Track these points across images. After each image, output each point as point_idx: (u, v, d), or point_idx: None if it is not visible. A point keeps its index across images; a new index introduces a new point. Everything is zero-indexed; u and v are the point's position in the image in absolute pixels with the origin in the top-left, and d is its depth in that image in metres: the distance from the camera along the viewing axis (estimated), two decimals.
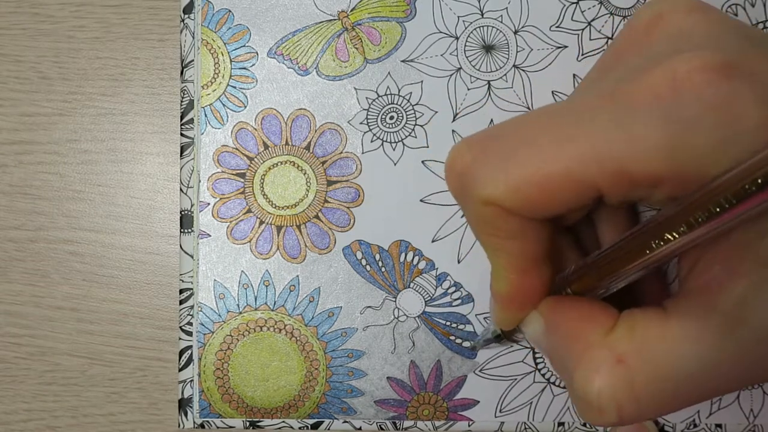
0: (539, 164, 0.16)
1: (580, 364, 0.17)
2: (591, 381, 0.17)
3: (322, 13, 0.28)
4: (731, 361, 0.16)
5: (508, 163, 0.17)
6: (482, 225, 0.18)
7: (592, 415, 0.17)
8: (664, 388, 0.17)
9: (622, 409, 0.17)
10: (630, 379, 0.17)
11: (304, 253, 0.28)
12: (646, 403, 0.17)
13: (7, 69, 0.30)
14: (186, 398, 0.28)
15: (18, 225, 0.30)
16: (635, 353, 0.17)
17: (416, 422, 0.28)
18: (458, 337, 0.28)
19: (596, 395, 0.17)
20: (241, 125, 0.28)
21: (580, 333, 0.18)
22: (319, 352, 0.28)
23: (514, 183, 0.17)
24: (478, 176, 0.17)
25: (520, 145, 0.17)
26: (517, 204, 0.17)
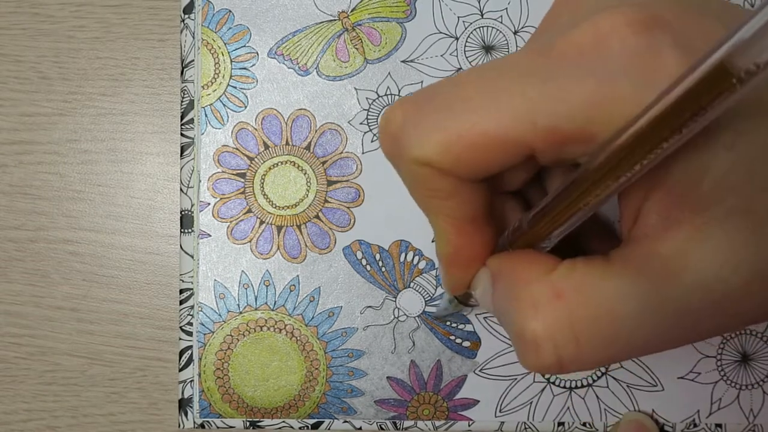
0: (471, 122, 0.16)
1: (517, 302, 0.17)
2: (528, 317, 0.17)
3: (322, 14, 0.28)
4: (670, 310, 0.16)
5: (439, 123, 0.16)
6: (417, 186, 0.18)
7: (529, 356, 0.17)
8: (604, 329, 0.16)
9: (561, 349, 0.16)
10: (569, 316, 0.16)
11: (304, 253, 0.28)
12: (585, 344, 0.16)
13: (7, 69, 0.30)
14: (186, 398, 0.28)
15: (18, 225, 0.30)
16: (574, 289, 0.16)
17: (416, 422, 0.28)
18: (458, 337, 0.28)
19: (533, 332, 0.16)
20: (242, 125, 0.28)
21: (521, 274, 0.18)
22: (320, 351, 0.28)
23: (446, 142, 0.16)
24: (411, 136, 0.17)
25: (453, 104, 0.17)
26: (449, 164, 0.17)
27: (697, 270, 0.16)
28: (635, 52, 0.15)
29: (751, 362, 0.28)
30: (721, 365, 0.28)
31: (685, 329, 0.16)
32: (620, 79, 0.15)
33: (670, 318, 0.16)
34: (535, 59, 0.16)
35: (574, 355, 0.16)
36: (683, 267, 0.16)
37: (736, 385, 0.28)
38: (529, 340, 0.17)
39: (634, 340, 0.16)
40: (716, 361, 0.28)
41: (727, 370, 0.28)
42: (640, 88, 0.15)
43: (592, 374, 0.28)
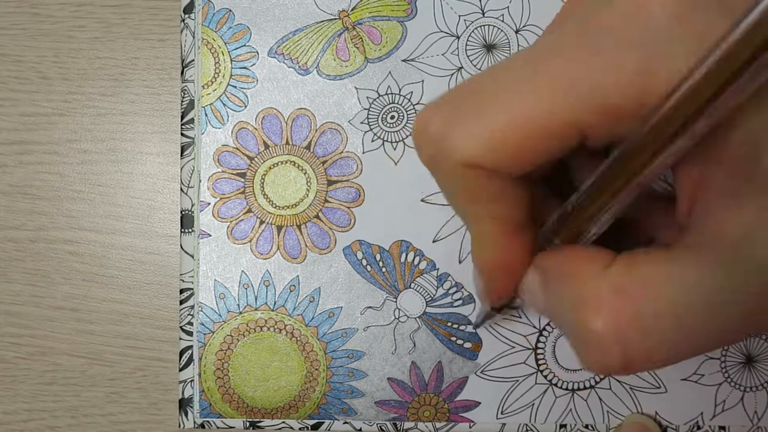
0: (519, 111, 0.15)
1: (576, 302, 0.16)
2: (589, 316, 0.15)
3: (322, 13, 0.28)
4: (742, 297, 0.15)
5: (484, 118, 0.15)
6: (463, 191, 0.17)
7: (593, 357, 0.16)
8: (674, 323, 0.15)
9: (628, 347, 0.15)
10: (634, 311, 0.15)
11: (304, 253, 0.28)
12: (654, 340, 0.15)
13: (7, 69, 0.30)
14: (186, 398, 0.28)
15: (18, 225, 0.30)
16: (637, 283, 0.15)
17: (417, 423, 0.28)
18: (459, 338, 0.28)
19: (596, 332, 0.15)
20: (242, 125, 0.28)
21: (577, 271, 0.16)
22: (320, 352, 0.28)
23: (496, 137, 0.15)
24: (454, 138, 0.16)
25: (494, 96, 0.15)
26: (500, 160, 0.15)
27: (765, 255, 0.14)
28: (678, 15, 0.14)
29: (756, 364, 0.28)
30: (725, 367, 0.27)
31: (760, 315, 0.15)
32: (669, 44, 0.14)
33: (742, 305, 0.15)
34: (573, 38, 0.15)
35: (643, 353, 0.15)
36: (752, 250, 0.14)
37: (740, 387, 0.27)
38: (592, 340, 0.15)
39: (707, 333, 0.15)
40: (720, 363, 0.27)
41: (731, 372, 0.27)
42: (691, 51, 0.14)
43: (594, 376, 0.28)
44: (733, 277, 0.15)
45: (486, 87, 0.16)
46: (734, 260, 0.15)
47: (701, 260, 0.15)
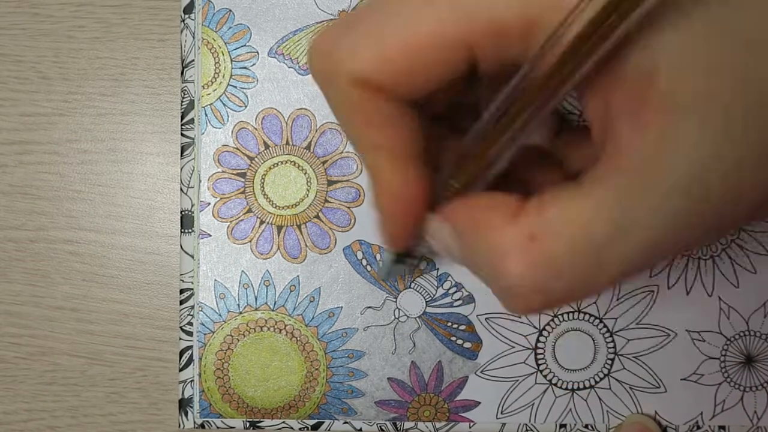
0: (408, 27, 0.15)
1: (490, 253, 0.16)
2: (507, 267, 0.15)
3: (323, 13, 0.28)
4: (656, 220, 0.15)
5: (377, 33, 0.15)
6: (351, 112, 0.16)
7: (518, 303, 0.16)
8: (586, 257, 0.15)
9: (548, 287, 0.15)
10: (548, 254, 0.15)
11: (304, 253, 0.28)
12: (570, 277, 0.15)
13: (7, 69, 0.30)
14: (186, 398, 0.28)
15: (18, 225, 0.30)
16: (547, 226, 0.15)
17: (417, 423, 0.28)
18: (459, 338, 0.28)
19: (516, 280, 0.15)
20: (242, 125, 0.28)
21: (488, 222, 0.16)
22: (320, 352, 0.28)
23: (386, 52, 0.15)
24: (345, 52, 0.15)
25: (384, 14, 0.15)
26: (391, 78, 0.15)
27: (671, 174, 0.14)
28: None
29: (755, 364, 0.28)
30: (725, 367, 0.28)
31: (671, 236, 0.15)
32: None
33: (657, 228, 0.15)
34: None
35: (560, 290, 0.16)
36: (657, 175, 0.14)
37: (739, 387, 0.28)
38: (511, 290, 0.16)
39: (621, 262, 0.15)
40: (720, 363, 0.28)
41: (730, 372, 0.28)
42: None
43: (594, 376, 0.28)
44: (645, 201, 0.15)
45: (377, 6, 0.16)
46: (644, 184, 0.15)
47: (610, 189, 0.15)
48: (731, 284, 0.27)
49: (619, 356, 0.28)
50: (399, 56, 0.15)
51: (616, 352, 0.28)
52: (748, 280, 0.27)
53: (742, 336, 0.27)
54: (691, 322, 0.27)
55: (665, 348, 0.27)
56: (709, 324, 0.27)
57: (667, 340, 0.27)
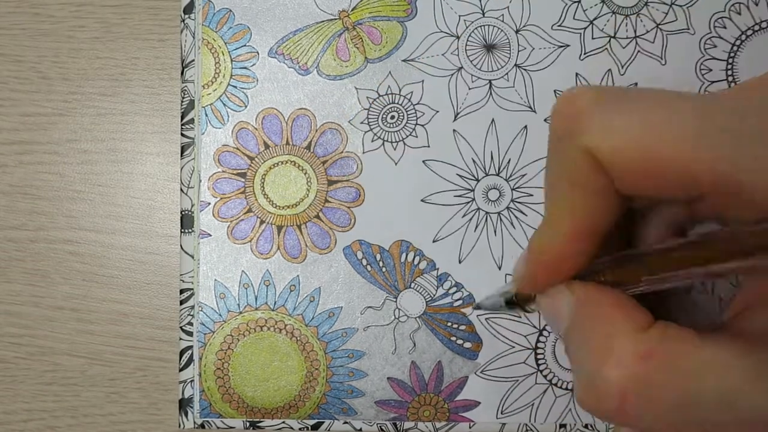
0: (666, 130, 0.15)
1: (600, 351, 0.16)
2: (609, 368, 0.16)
3: (322, 13, 0.28)
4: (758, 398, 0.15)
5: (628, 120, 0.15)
6: (569, 172, 0.17)
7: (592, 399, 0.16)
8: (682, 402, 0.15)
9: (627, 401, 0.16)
10: (648, 376, 0.15)
11: (304, 253, 0.28)
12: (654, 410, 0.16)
13: (7, 69, 0.30)
14: (186, 398, 0.28)
15: (18, 225, 0.30)
16: (663, 353, 0.16)
17: (417, 423, 0.28)
18: (459, 338, 0.28)
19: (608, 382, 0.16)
20: (242, 125, 0.28)
21: (612, 321, 0.17)
22: (320, 352, 0.28)
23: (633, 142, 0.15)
24: (591, 122, 0.16)
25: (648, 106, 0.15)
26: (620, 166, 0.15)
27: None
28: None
29: None
30: None
31: None
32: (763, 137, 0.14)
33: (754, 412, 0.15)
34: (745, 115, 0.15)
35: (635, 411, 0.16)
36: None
37: None
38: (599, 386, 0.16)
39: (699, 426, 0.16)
40: None
41: None
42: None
43: None
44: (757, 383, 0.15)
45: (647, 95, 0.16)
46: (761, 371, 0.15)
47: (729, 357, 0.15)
48: (730, 284, 0.27)
49: None
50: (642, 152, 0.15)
51: None
52: None
53: None
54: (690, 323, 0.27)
55: None
56: None
57: None
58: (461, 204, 0.27)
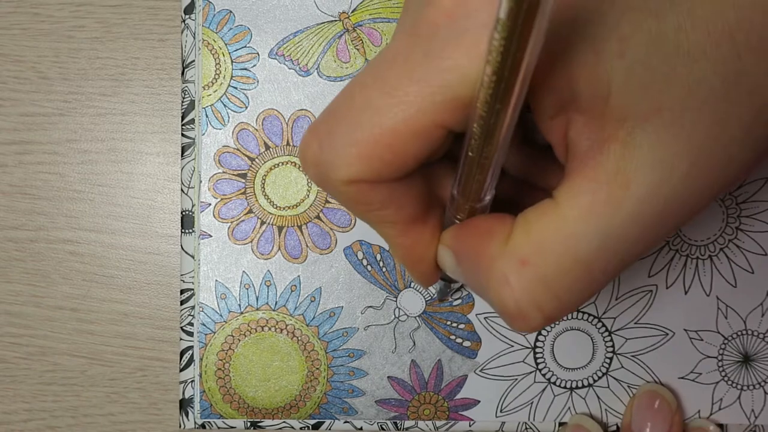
0: (379, 126, 0.16)
1: (489, 280, 0.17)
2: (504, 293, 0.17)
3: (323, 14, 0.28)
4: (630, 230, 0.16)
5: (351, 137, 0.17)
6: (353, 204, 0.18)
7: (519, 324, 0.17)
8: (576, 274, 0.17)
9: (544, 308, 0.17)
10: (540, 277, 0.17)
11: (305, 254, 0.28)
12: (564, 295, 0.17)
13: (7, 69, 0.30)
14: (187, 398, 0.28)
15: (18, 225, 0.30)
16: (536, 250, 0.17)
17: (417, 422, 0.28)
18: (459, 337, 0.28)
19: (515, 305, 0.17)
20: (242, 126, 0.28)
21: (482, 250, 0.18)
22: (320, 352, 0.28)
23: (363, 154, 0.16)
24: (330, 160, 0.17)
25: (355, 112, 0.17)
26: (374, 173, 0.17)
27: (638, 183, 0.16)
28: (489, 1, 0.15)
29: (753, 363, 0.28)
30: (722, 366, 0.28)
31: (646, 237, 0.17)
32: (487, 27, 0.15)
33: (631, 237, 0.16)
34: (409, 41, 0.16)
35: (557, 307, 0.17)
36: (625, 185, 0.16)
37: (737, 386, 0.28)
38: (513, 312, 0.17)
39: (607, 269, 0.17)
40: (717, 362, 0.28)
41: (728, 371, 0.28)
42: None
43: (592, 374, 0.28)
44: (617, 215, 0.16)
45: (349, 105, 0.17)
46: (614, 199, 0.16)
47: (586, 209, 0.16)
48: (729, 284, 0.28)
49: (618, 355, 0.28)
50: (377, 153, 0.17)
51: (615, 351, 0.28)
52: (746, 280, 0.28)
53: (740, 335, 0.28)
54: (689, 322, 0.28)
55: (663, 347, 0.28)
56: (707, 323, 0.28)
57: (665, 339, 0.28)
58: None
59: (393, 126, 0.16)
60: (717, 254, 0.28)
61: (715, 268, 0.28)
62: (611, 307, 0.28)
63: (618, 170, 0.16)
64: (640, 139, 0.16)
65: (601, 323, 0.28)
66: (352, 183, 0.17)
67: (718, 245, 0.28)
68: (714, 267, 0.28)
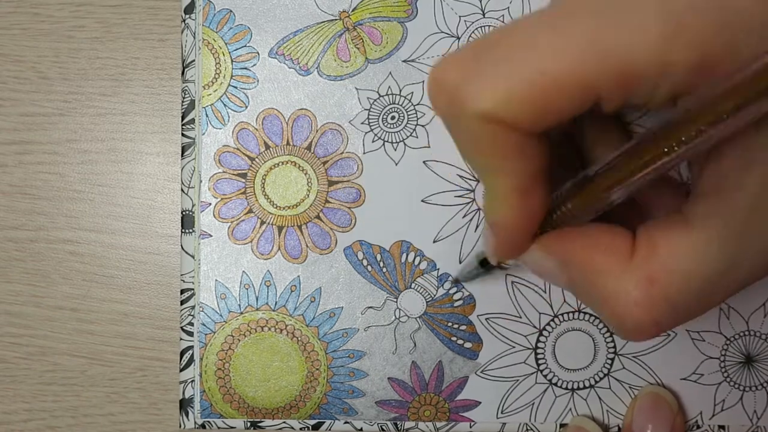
0: (539, 67, 0.15)
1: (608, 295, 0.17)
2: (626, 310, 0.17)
3: (323, 13, 0.28)
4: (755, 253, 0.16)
5: (504, 71, 0.15)
6: (479, 145, 0.16)
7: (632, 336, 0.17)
8: (698, 292, 0.17)
9: (662, 324, 0.17)
10: (665, 295, 0.17)
11: (305, 254, 0.28)
12: (683, 313, 0.17)
13: (7, 69, 0.30)
14: (187, 398, 0.28)
15: (18, 225, 0.30)
16: (664, 269, 0.17)
17: (417, 423, 0.28)
18: (460, 338, 0.28)
19: (634, 322, 0.17)
20: (243, 125, 0.28)
21: (602, 266, 0.17)
22: (320, 352, 0.28)
23: (514, 92, 0.15)
24: (472, 89, 0.15)
25: (516, 50, 0.15)
26: (519, 115, 0.15)
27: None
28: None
29: (755, 364, 0.28)
30: (725, 367, 0.28)
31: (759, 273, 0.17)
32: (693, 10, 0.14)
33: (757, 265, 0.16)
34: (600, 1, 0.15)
35: (673, 322, 0.17)
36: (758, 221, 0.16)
37: (739, 387, 0.28)
38: (630, 328, 0.17)
39: (727, 292, 0.17)
40: (719, 363, 0.28)
41: (730, 372, 0.28)
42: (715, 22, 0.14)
43: (594, 375, 0.28)
44: (748, 237, 0.16)
45: (506, 41, 0.16)
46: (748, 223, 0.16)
47: (718, 229, 0.16)
48: None
49: (619, 356, 0.28)
50: (527, 96, 0.15)
51: (616, 352, 0.28)
52: None
53: (742, 336, 0.28)
54: (691, 322, 0.28)
55: (665, 348, 0.28)
56: (709, 324, 0.28)
57: (667, 340, 0.28)
58: (461, 204, 0.28)
59: (554, 73, 0.15)
60: None
61: None
62: None
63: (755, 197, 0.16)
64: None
65: (603, 324, 0.28)
66: (490, 120, 0.16)
67: None
68: None
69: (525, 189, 0.17)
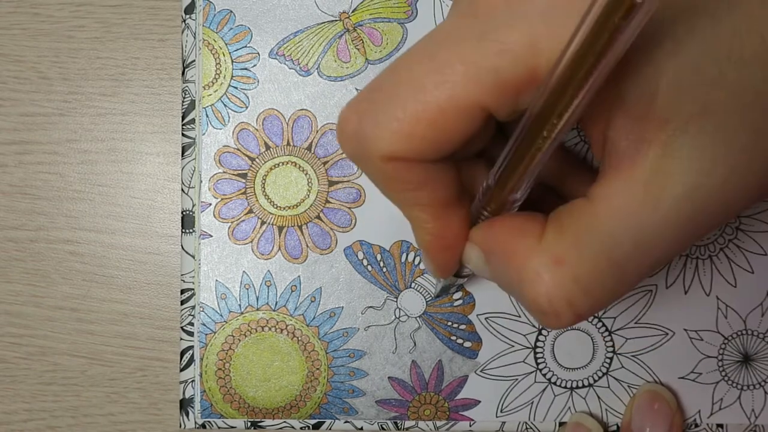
0: (423, 102, 0.16)
1: (522, 278, 0.17)
2: (537, 291, 0.17)
3: (323, 14, 0.28)
4: (663, 231, 0.16)
5: (394, 111, 0.16)
6: (389, 182, 0.18)
7: (549, 321, 0.17)
8: (610, 273, 0.17)
9: (576, 306, 0.17)
10: (573, 275, 0.17)
11: (305, 254, 0.28)
12: (597, 293, 0.17)
13: (7, 69, 0.30)
14: (187, 398, 0.28)
15: (18, 225, 0.30)
16: (570, 249, 0.17)
17: (417, 422, 0.28)
18: (459, 337, 0.28)
19: (547, 303, 0.17)
20: (243, 126, 0.28)
21: (515, 248, 0.18)
22: (321, 352, 0.28)
23: (405, 130, 0.16)
24: (370, 134, 0.17)
25: (401, 88, 0.16)
26: (416, 149, 0.17)
27: (675, 185, 0.16)
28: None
29: (753, 363, 0.28)
30: (723, 365, 0.28)
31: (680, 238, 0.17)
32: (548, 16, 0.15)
33: (665, 238, 0.16)
34: (464, 21, 0.16)
35: (589, 306, 0.17)
36: (663, 186, 0.16)
37: (737, 386, 0.28)
38: (545, 309, 0.17)
39: (640, 269, 0.17)
40: (717, 362, 0.28)
41: (728, 371, 0.28)
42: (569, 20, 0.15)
43: (593, 374, 0.28)
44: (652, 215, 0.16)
45: (391, 79, 0.17)
46: (650, 200, 0.16)
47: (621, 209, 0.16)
48: (729, 284, 0.28)
49: (618, 355, 0.28)
50: (419, 130, 0.16)
51: (615, 351, 0.28)
52: (746, 280, 0.28)
53: (740, 335, 0.28)
54: (689, 321, 0.28)
55: (663, 347, 0.28)
56: (707, 323, 0.28)
57: (665, 339, 0.28)
58: None
59: (437, 103, 0.16)
60: (717, 254, 0.28)
61: (715, 267, 0.28)
62: (611, 307, 0.28)
63: (656, 171, 0.16)
64: (681, 141, 0.16)
65: (601, 323, 0.28)
66: (391, 160, 0.17)
67: (718, 245, 0.28)
68: (714, 267, 0.28)
69: (440, 215, 0.19)
